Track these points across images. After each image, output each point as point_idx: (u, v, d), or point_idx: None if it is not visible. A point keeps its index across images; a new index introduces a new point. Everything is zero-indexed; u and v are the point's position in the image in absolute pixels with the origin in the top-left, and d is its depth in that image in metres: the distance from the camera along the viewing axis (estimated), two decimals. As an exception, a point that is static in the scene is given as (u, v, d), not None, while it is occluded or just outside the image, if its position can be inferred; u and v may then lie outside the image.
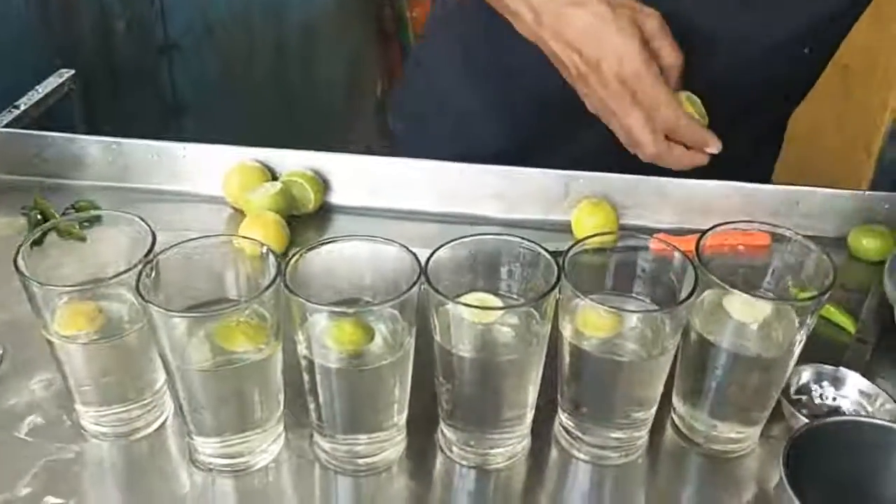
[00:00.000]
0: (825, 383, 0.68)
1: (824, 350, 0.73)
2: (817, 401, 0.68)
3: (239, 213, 0.89)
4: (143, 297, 0.57)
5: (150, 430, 0.67)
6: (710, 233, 0.63)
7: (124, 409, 0.65)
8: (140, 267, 0.59)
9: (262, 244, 0.61)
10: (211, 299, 0.63)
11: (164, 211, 0.90)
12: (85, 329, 0.61)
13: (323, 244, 0.62)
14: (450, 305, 0.59)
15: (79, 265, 0.65)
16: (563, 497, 0.65)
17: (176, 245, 0.62)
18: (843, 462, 0.52)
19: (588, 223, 0.85)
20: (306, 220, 0.90)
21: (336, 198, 0.92)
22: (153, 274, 0.60)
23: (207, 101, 1.97)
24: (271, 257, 0.60)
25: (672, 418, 0.69)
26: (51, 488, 0.62)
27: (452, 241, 0.61)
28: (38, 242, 0.65)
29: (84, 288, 0.62)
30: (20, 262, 0.60)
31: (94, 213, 0.69)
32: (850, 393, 0.67)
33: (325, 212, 0.91)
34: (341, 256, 0.62)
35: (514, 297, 0.63)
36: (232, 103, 2.00)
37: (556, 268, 0.59)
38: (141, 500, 0.64)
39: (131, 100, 1.88)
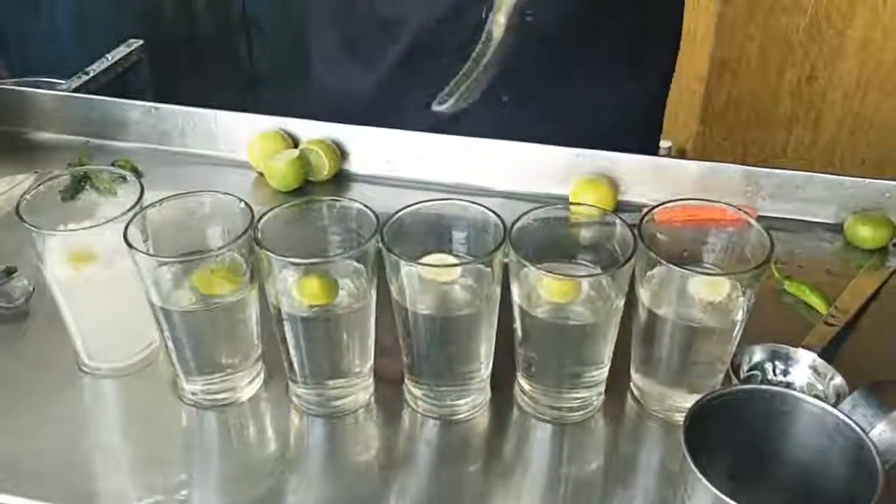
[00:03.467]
0: (778, 361, 0.70)
1: (791, 329, 0.74)
2: (770, 377, 0.70)
3: (263, 178, 0.96)
4: (129, 244, 0.64)
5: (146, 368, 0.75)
6: (657, 209, 0.65)
7: (123, 344, 0.73)
8: (131, 216, 0.66)
9: (241, 200, 0.68)
10: (196, 249, 0.69)
11: (196, 173, 0.98)
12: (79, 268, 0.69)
13: (295, 205, 0.68)
14: (404, 265, 0.63)
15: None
16: (522, 450, 0.69)
17: (167, 199, 0.68)
18: (745, 428, 0.54)
19: (584, 199, 0.88)
20: (324, 185, 0.96)
21: (354, 166, 0.98)
22: (141, 222, 0.67)
23: (283, 73, 2.05)
24: (246, 212, 0.66)
25: (630, 387, 0.72)
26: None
27: (411, 205, 0.66)
28: (72, 195, 0.74)
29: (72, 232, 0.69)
30: (21, 210, 0.68)
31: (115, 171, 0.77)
32: (803, 371, 0.69)
33: (342, 179, 0.97)
34: (312, 216, 0.68)
35: (469, 258, 0.67)
36: (308, 76, 2.08)
37: (504, 232, 0.64)
38: (135, 432, 0.71)
39: (211, 71, 1.98)
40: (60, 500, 0.64)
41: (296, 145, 0.98)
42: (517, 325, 0.67)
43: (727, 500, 0.48)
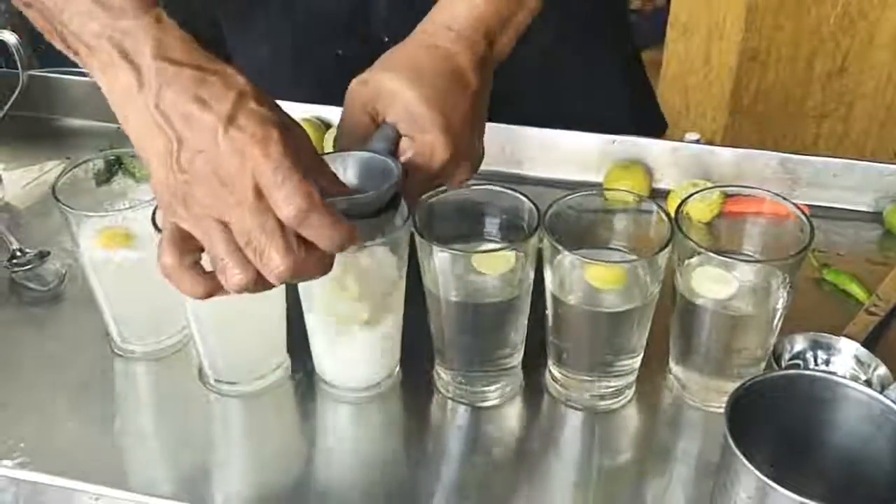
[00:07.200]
0: (820, 351, 0.68)
1: (832, 319, 0.73)
2: (812, 366, 0.68)
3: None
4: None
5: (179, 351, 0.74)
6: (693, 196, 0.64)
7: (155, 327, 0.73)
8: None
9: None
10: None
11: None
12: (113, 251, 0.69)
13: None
14: (436, 250, 0.62)
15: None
16: (552, 437, 0.68)
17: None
18: (788, 415, 0.53)
19: (618, 185, 0.87)
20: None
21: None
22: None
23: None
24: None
25: (666, 376, 0.71)
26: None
27: (443, 190, 0.65)
28: (106, 179, 0.74)
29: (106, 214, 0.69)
30: (58, 191, 0.68)
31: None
32: (846, 360, 0.68)
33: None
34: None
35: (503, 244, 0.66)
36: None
37: (538, 218, 0.63)
38: (167, 414, 0.71)
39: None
40: (91, 479, 0.64)
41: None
42: (549, 311, 0.66)
43: (773, 485, 0.46)
